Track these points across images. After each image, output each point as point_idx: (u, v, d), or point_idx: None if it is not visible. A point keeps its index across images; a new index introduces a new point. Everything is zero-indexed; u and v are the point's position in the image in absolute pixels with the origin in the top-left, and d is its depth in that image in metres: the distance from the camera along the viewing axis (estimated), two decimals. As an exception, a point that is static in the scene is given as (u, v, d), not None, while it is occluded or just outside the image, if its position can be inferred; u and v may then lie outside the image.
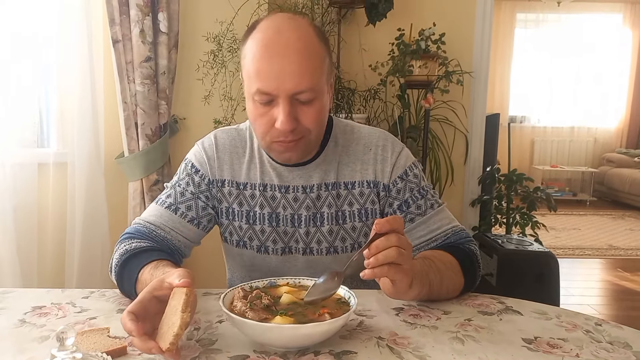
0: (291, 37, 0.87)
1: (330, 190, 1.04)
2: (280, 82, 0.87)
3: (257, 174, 1.05)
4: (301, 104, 0.90)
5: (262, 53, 0.88)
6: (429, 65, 2.46)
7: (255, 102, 0.91)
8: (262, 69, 0.87)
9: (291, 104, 0.89)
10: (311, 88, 0.89)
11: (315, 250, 1.05)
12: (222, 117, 2.31)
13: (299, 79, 0.87)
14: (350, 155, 1.05)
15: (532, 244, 2.57)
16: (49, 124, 2.21)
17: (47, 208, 2.12)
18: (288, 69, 0.86)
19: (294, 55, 0.87)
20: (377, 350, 0.74)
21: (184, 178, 1.06)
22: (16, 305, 0.90)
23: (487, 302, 0.94)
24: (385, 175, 1.04)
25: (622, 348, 0.76)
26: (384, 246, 0.75)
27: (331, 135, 1.05)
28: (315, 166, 1.04)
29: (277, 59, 0.87)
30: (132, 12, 2.12)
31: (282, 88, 0.87)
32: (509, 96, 6.72)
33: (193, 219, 1.04)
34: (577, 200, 6.30)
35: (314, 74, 0.89)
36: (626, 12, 6.62)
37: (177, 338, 0.65)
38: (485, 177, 2.90)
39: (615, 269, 3.74)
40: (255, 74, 0.88)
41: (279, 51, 0.87)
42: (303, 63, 0.87)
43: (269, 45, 0.87)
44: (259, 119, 0.92)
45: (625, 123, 6.84)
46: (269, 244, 1.06)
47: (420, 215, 1.03)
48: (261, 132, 0.94)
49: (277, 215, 1.04)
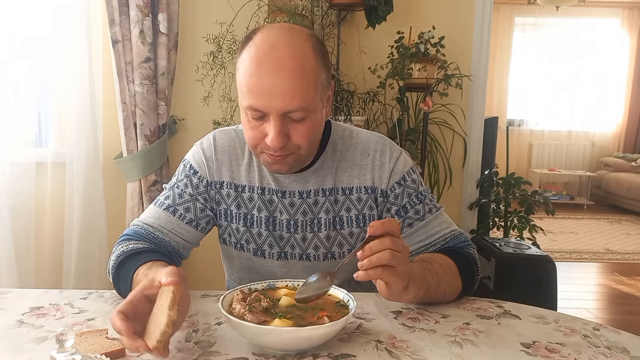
0: (285, 55, 0.86)
1: (327, 196, 1.03)
2: (271, 100, 0.86)
3: (256, 176, 1.05)
4: (293, 121, 0.89)
5: (254, 70, 0.86)
6: (428, 69, 2.47)
7: (247, 114, 0.91)
8: (254, 85, 0.86)
9: (282, 122, 0.88)
10: (303, 107, 0.87)
11: (313, 256, 1.05)
12: (221, 118, 2.31)
13: (290, 98, 0.86)
14: (348, 160, 1.05)
15: (529, 247, 2.57)
16: (47, 124, 2.21)
17: (44, 208, 2.11)
18: (280, 88, 0.85)
19: (286, 74, 0.85)
20: (376, 353, 0.74)
21: (183, 179, 1.06)
22: (14, 305, 0.90)
23: (485, 306, 0.94)
24: (383, 181, 1.03)
25: (620, 353, 0.76)
26: (377, 248, 0.75)
27: (329, 141, 1.05)
28: (312, 172, 1.03)
29: (269, 76, 0.85)
30: (132, 13, 2.12)
31: (273, 106, 0.86)
32: (507, 100, 6.74)
33: (191, 221, 1.04)
34: (574, 204, 6.32)
35: (307, 93, 0.87)
36: (624, 17, 6.65)
37: (164, 336, 0.65)
38: (483, 181, 2.90)
39: (612, 273, 3.75)
40: (248, 90, 0.88)
41: (271, 69, 0.85)
42: (296, 82, 0.86)
43: (262, 62, 0.86)
44: (250, 130, 0.92)
45: (622, 127, 6.86)
46: (265, 248, 1.06)
47: (419, 220, 1.03)
48: (252, 143, 0.94)
49: (274, 219, 1.04)
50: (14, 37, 1.95)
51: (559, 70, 6.63)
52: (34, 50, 2.04)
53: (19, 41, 1.97)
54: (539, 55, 6.65)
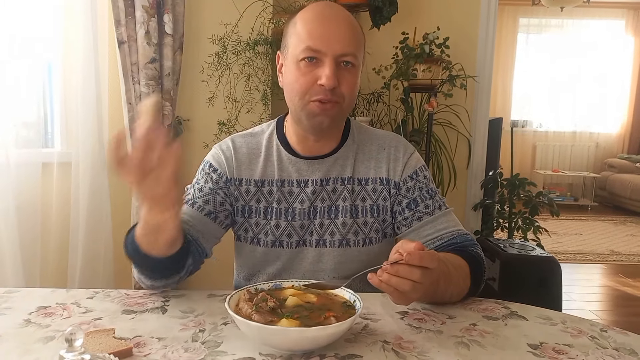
0: (342, 12, 1.00)
1: (345, 185, 1.08)
2: (330, 42, 0.95)
3: (275, 170, 1.08)
4: (343, 69, 0.97)
5: (315, 17, 0.98)
6: (432, 69, 2.46)
7: (299, 64, 0.97)
8: (315, 29, 0.96)
9: (336, 65, 0.96)
10: (355, 54, 0.97)
11: (328, 242, 1.07)
12: (226, 118, 2.32)
13: (348, 42, 0.96)
14: (365, 153, 1.10)
15: (534, 248, 2.56)
16: (53, 124, 2.22)
17: (50, 208, 2.12)
18: (338, 33, 0.96)
19: (343, 23, 0.97)
20: (383, 354, 0.74)
21: (203, 177, 1.09)
22: (21, 305, 0.90)
23: (491, 307, 0.94)
24: (396, 174, 1.08)
25: (628, 355, 0.76)
26: (404, 275, 0.75)
27: (350, 134, 1.11)
28: (334, 160, 1.08)
29: (329, 23, 0.97)
30: (138, 14, 2.12)
31: (331, 48, 0.95)
32: (512, 101, 6.72)
33: (210, 213, 1.05)
34: (578, 205, 6.29)
35: (359, 44, 0.99)
36: (628, 18, 6.63)
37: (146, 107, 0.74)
38: (487, 182, 2.90)
39: (617, 274, 3.74)
40: (307, 34, 0.96)
41: (330, 18, 0.98)
42: (352, 33, 0.98)
43: (322, 13, 0.98)
44: (301, 78, 0.97)
45: (627, 128, 6.84)
46: (283, 239, 1.07)
47: (428, 214, 1.06)
48: (301, 91, 0.98)
49: (293, 209, 1.07)
50: (20, 37, 1.96)
51: (563, 71, 6.62)
52: (40, 51, 2.05)
53: (25, 41, 1.98)
54: (543, 56, 6.64)
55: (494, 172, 2.91)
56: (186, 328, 0.82)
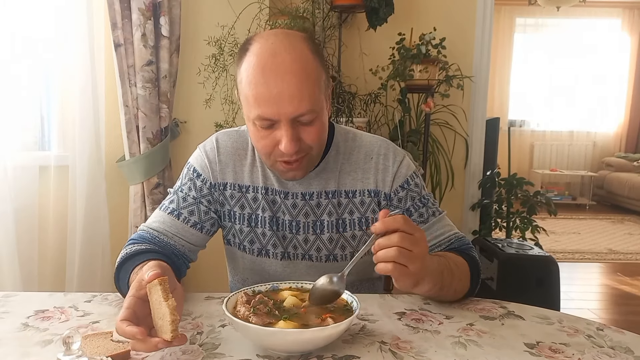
0: (287, 60, 0.86)
1: (330, 199, 1.04)
2: (280, 107, 0.86)
3: (260, 176, 1.05)
4: (302, 125, 0.90)
5: (258, 78, 0.86)
6: (429, 70, 2.47)
7: (255, 125, 0.91)
8: (261, 94, 0.86)
9: (293, 127, 0.89)
10: (311, 109, 0.88)
11: (315, 257, 1.06)
12: (223, 120, 2.32)
13: (299, 102, 0.86)
14: (351, 163, 1.05)
15: (532, 248, 2.57)
16: (50, 127, 2.21)
17: (47, 211, 2.11)
18: (287, 93, 0.85)
19: (291, 78, 0.85)
20: (380, 354, 0.74)
21: (186, 183, 1.07)
22: (19, 309, 0.90)
23: (489, 307, 0.94)
24: (386, 185, 1.04)
25: (624, 353, 0.76)
26: (384, 245, 0.75)
27: (332, 144, 1.05)
28: (316, 174, 1.04)
29: (274, 83, 0.85)
30: (134, 16, 2.12)
31: (283, 112, 0.87)
32: (509, 100, 6.73)
33: (196, 224, 1.04)
34: (576, 204, 6.31)
35: (312, 94, 0.88)
36: (624, 17, 6.64)
37: (175, 324, 0.66)
38: (485, 181, 2.90)
39: (615, 273, 3.75)
40: (254, 100, 0.87)
41: (276, 75, 0.85)
42: (301, 85, 0.86)
43: (265, 70, 0.86)
44: (261, 141, 0.92)
45: (624, 127, 6.86)
46: (269, 248, 1.06)
47: (423, 222, 1.03)
48: (264, 153, 0.94)
49: (277, 219, 1.05)
50: (17, 39, 1.95)
51: (560, 70, 6.63)
52: (37, 54, 2.05)
53: (21, 44, 1.97)
54: (540, 55, 6.65)
55: (492, 172, 2.91)
56: (184, 330, 0.82)
